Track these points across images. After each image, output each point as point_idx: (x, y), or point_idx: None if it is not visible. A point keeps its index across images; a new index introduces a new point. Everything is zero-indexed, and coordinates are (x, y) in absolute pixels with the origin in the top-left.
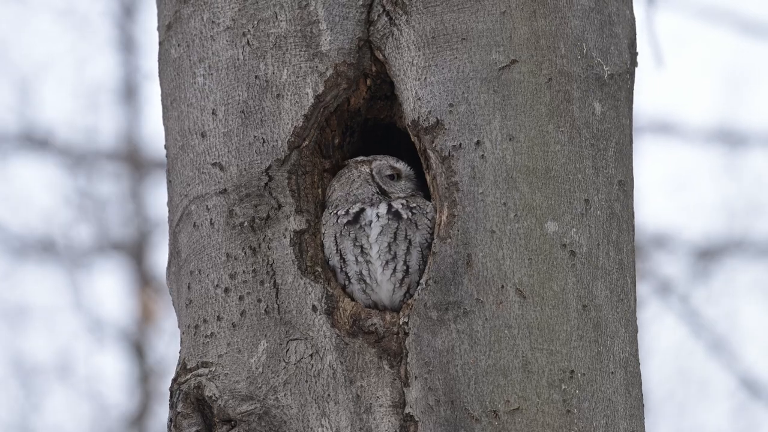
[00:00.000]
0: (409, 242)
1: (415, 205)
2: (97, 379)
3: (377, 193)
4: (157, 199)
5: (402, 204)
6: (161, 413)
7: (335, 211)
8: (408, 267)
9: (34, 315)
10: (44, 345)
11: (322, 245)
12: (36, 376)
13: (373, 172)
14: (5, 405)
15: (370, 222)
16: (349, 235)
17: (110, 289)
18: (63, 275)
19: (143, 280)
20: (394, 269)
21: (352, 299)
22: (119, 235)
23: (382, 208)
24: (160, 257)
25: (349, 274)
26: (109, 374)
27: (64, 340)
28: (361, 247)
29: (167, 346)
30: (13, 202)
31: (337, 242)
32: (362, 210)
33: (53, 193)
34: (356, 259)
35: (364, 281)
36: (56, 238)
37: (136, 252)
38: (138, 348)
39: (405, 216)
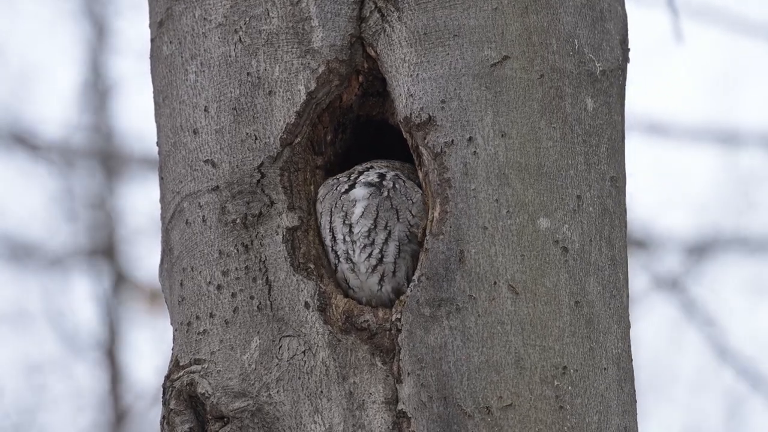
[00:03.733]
0: (389, 233)
1: (402, 182)
2: (72, 386)
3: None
4: (133, 199)
5: (395, 175)
6: (136, 421)
7: (338, 177)
8: (383, 256)
9: (6, 320)
10: (16, 351)
11: (318, 230)
12: (8, 382)
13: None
14: None
15: (354, 201)
16: (341, 209)
17: (84, 294)
18: (36, 280)
19: (121, 281)
20: (370, 255)
21: (345, 295)
22: (94, 239)
23: (372, 176)
24: (136, 259)
25: (338, 253)
26: (84, 381)
27: (36, 346)
28: (350, 226)
29: (141, 352)
30: None
31: (331, 219)
32: (369, 169)
33: (25, 196)
34: (344, 239)
35: (351, 261)
36: (29, 242)
37: (109, 254)
38: (111, 355)
39: (386, 187)
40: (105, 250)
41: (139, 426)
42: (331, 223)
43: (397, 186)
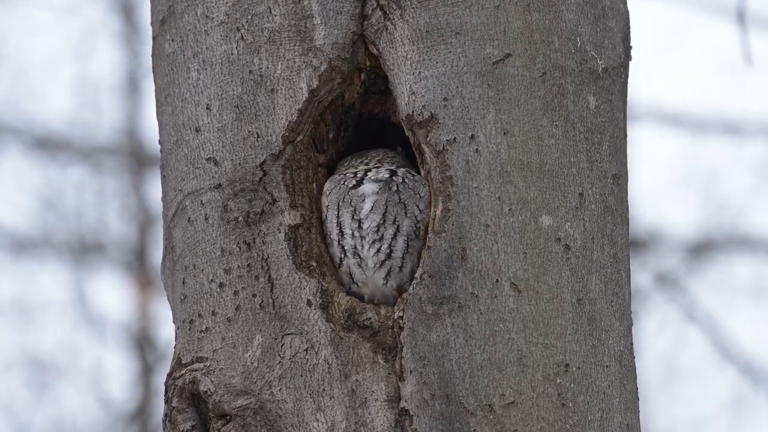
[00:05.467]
0: (397, 228)
1: (411, 177)
2: (100, 375)
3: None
4: (157, 194)
5: (405, 171)
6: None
7: (345, 173)
8: (391, 252)
9: (36, 311)
10: (46, 341)
11: (321, 226)
12: (38, 372)
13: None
14: (8, 400)
15: (364, 197)
16: (350, 204)
17: (111, 284)
18: (64, 271)
19: (143, 274)
20: (378, 250)
21: (348, 291)
22: (120, 231)
23: (383, 173)
24: (158, 252)
25: (345, 248)
26: (111, 370)
27: (65, 336)
28: (359, 221)
29: (167, 342)
30: (12, 197)
31: (339, 213)
32: (378, 167)
33: (53, 189)
34: (352, 234)
35: (359, 256)
36: (57, 234)
37: (136, 247)
38: (139, 343)
39: (396, 182)
40: (134, 242)
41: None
42: (338, 217)
43: (406, 180)
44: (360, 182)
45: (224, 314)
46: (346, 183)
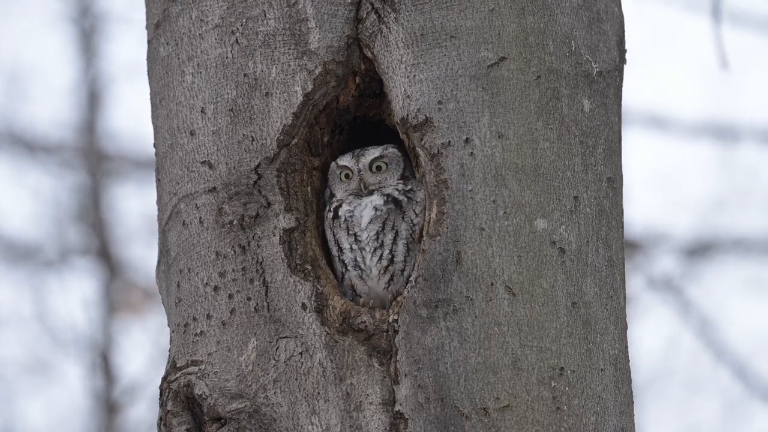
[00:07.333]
0: (396, 233)
1: (410, 190)
2: (63, 387)
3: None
4: (125, 200)
5: (398, 190)
6: (126, 422)
7: (329, 207)
8: (393, 256)
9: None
10: (9, 353)
11: (315, 232)
12: (2, 383)
13: (329, 176)
14: None
15: (351, 216)
16: (340, 226)
17: (75, 294)
18: (29, 281)
19: (113, 276)
20: (381, 256)
21: (353, 292)
22: (86, 239)
23: (378, 199)
24: (130, 259)
25: (345, 261)
26: (75, 382)
27: (28, 347)
28: (355, 235)
29: (133, 356)
30: None
31: (334, 233)
32: (341, 204)
33: (19, 196)
34: (351, 247)
35: (360, 267)
36: (22, 243)
37: (103, 255)
38: (103, 355)
39: (402, 202)
40: (98, 251)
41: (131, 425)
42: (335, 235)
43: (408, 197)
44: (336, 213)
45: (219, 318)
46: (327, 216)
